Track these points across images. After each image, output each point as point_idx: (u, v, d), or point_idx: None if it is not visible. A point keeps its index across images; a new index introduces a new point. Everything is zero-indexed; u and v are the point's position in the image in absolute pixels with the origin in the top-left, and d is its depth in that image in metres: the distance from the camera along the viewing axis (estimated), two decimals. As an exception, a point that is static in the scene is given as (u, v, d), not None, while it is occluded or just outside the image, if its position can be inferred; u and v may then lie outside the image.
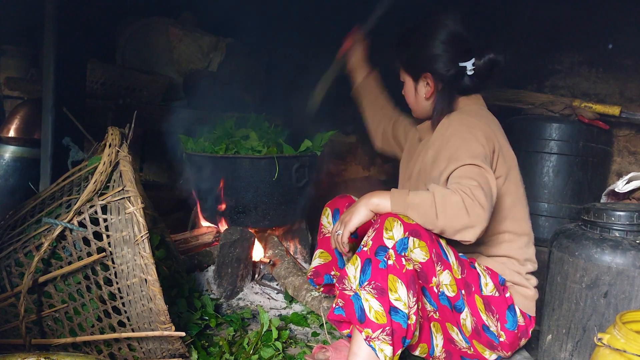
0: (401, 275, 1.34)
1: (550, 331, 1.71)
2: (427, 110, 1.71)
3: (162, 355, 1.62)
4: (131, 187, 1.50)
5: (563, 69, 2.98)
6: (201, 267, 2.44)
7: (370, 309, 1.32)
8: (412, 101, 1.74)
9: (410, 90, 1.72)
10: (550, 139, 2.39)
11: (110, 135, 1.63)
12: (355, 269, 1.39)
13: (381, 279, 1.33)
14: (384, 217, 1.38)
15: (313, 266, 1.90)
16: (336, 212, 1.88)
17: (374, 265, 1.35)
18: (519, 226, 1.66)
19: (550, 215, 2.39)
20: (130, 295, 1.51)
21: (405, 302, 1.33)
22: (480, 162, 1.43)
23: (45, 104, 2.32)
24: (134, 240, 1.47)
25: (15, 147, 3.16)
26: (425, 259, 1.40)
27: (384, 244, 1.35)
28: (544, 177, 2.40)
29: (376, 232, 1.38)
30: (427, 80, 1.65)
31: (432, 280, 1.44)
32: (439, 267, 1.44)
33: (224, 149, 2.36)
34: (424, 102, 1.69)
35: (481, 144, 1.50)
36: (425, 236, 1.39)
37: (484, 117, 1.64)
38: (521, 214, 1.67)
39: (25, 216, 1.66)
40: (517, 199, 1.65)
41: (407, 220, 1.38)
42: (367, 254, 1.38)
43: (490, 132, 1.57)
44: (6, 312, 1.51)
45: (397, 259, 1.34)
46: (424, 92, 1.67)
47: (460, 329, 1.53)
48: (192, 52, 3.57)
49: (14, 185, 3.12)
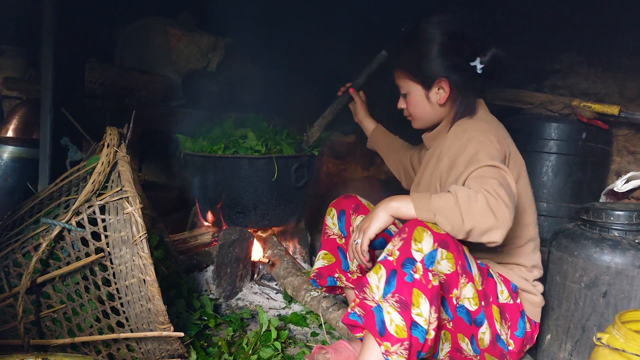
0: (426, 291, 1.30)
1: (549, 331, 1.71)
2: (437, 117, 1.67)
3: (161, 355, 1.61)
4: (129, 187, 1.50)
5: (562, 68, 2.98)
6: (200, 267, 2.44)
7: (392, 322, 1.28)
8: (421, 110, 1.67)
9: (419, 100, 1.65)
10: (549, 138, 2.39)
11: (109, 135, 1.62)
12: (379, 278, 1.33)
13: (406, 293, 1.29)
14: (413, 226, 1.33)
15: (316, 267, 1.86)
16: (342, 213, 1.83)
17: (400, 278, 1.30)
18: (528, 232, 1.64)
19: (549, 214, 2.38)
20: (128, 296, 1.50)
21: (426, 319, 1.29)
22: (499, 164, 1.41)
23: (43, 104, 2.31)
24: (133, 240, 1.46)
25: (14, 147, 3.15)
26: (451, 271, 1.37)
27: (412, 256, 1.31)
28: (543, 176, 2.40)
29: (404, 242, 1.33)
30: (440, 85, 1.60)
31: (453, 292, 1.41)
32: (463, 280, 1.41)
33: (223, 149, 2.36)
34: (437, 109, 1.64)
35: (496, 148, 1.48)
36: (452, 247, 1.36)
37: (493, 122, 1.63)
38: (530, 219, 1.65)
39: (24, 216, 1.66)
40: (527, 204, 1.64)
41: (437, 229, 1.33)
42: (393, 265, 1.32)
43: (501, 137, 1.56)
44: (4, 312, 1.50)
45: (424, 273, 1.30)
46: (437, 98, 1.62)
47: (475, 342, 1.51)
48: (191, 52, 3.57)
49: (12, 186, 3.12)
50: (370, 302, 1.33)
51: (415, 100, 1.66)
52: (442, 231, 1.34)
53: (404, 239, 1.33)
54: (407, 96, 1.68)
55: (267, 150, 2.38)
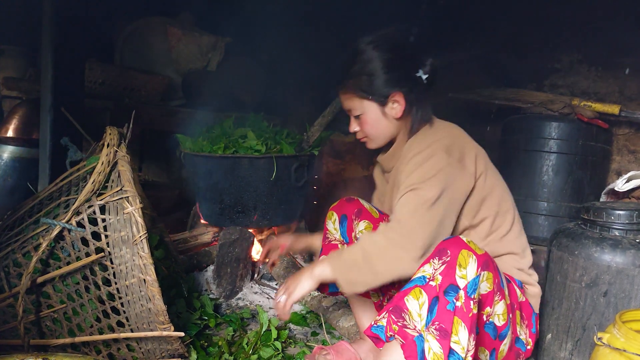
0: (466, 319, 1.28)
1: (549, 330, 1.71)
2: (396, 131, 1.65)
3: (162, 355, 1.61)
4: (129, 187, 1.50)
5: (562, 67, 2.98)
6: (200, 267, 2.44)
7: (430, 350, 1.26)
8: (378, 128, 1.64)
9: (375, 118, 1.62)
10: (550, 137, 2.38)
11: (109, 135, 1.62)
12: (421, 305, 1.30)
13: (447, 321, 1.27)
14: (457, 248, 1.32)
15: None
16: (344, 218, 1.78)
17: (442, 306, 1.28)
18: (509, 217, 1.64)
19: (549, 214, 2.38)
20: (129, 296, 1.50)
21: (464, 347, 1.27)
22: (424, 185, 1.44)
23: (43, 104, 2.31)
24: (133, 240, 1.46)
25: (14, 147, 3.15)
26: (488, 291, 1.36)
27: (456, 283, 1.28)
28: (543, 175, 2.40)
29: (447, 266, 1.31)
30: (395, 99, 1.58)
31: (485, 310, 1.40)
32: (497, 297, 1.40)
33: (223, 149, 2.35)
34: (394, 124, 1.62)
35: (440, 158, 1.48)
36: (492, 266, 1.36)
37: (446, 127, 1.64)
38: (508, 204, 1.65)
39: (24, 216, 1.66)
40: (501, 190, 1.64)
41: (479, 250, 1.33)
42: (436, 292, 1.29)
43: (453, 138, 1.57)
44: (4, 312, 1.50)
45: (466, 301, 1.28)
46: (394, 113, 1.60)
47: (495, 354, 1.51)
48: (191, 52, 3.57)
49: (12, 186, 3.11)
50: (411, 330, 1.29)
51: (372, 118, 1.62)
52: (483, 251, 1.35)
53: (447, 263, 1.31)
54: (361, 117, 1.63)
55: (267, 149, 2.37)
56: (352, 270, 1.44)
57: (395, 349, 1.31)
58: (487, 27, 3.13)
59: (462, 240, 1.35)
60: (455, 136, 1.60)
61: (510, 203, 1.66)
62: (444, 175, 1.46)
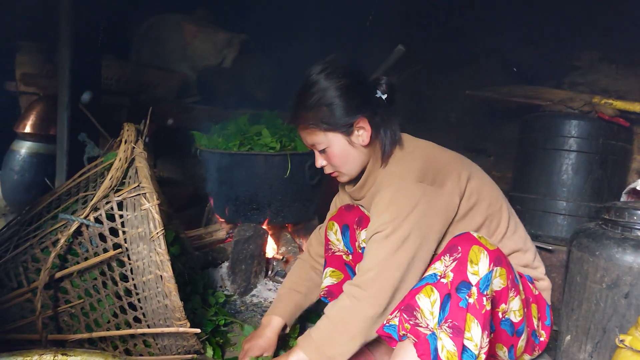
0: (479, 316, 1.26)
1: (569, 332, 1.68)
2: (366, 160, 1.59)
3: (177, 351, 1.61)
4: (147, 184, 1.50)
5: (582, 65, 2.94)
6: (215, 264, 2.44)
7: (443, 348, 1.25)
8: (347, 158, 1.56)
9: (342, 148, 1.54)
10: (569, 136, 2.35)
11: (126, 131, 1.63)
12: (432, 303, 1.29)
13: (460, 318, 1.25)
14: (467, 244, 1.30)
15: (325, 285, 1.76)
16: (345, 227, 1.74)
17: (454, 303, 1.26)
18: (504, 216, 1.60)
19: (568, 213, 2.35)
20: (145, 292, 1.50)
21: (477, 344, 1.26)
22: (392, 226, 1.40)
23: (60, 100, 2.33)
24: (150, 236, 1.47)
25: (31, 142, 3.18)
26: (501, 287, 1.35)
27: (468, 280, 1.27)
28: (562, 174, 2.36)
29: (458, 262, 1.29)
30: (360, 126, 1.53)
31: (500, 307, 1.39)
32: (512, 294, 1.39)
33: (238, 146, 2.35)
34: (362, 152, 1.56)
35: (410, 192, 1.44)
36: (504, 262, 1.34)
37: (413, 149, 1.57)
38: (499, 204, 1.60)
39: (42, 212, 1.67)
40: (489, 190, 1.59)
41: (490, 246, 1.31)
42: (448, 289, 1.28)
43: (425, 159, 1.52)
44: (23, 307, 1.51)
45: (478, 297, 1.27)
46: (362, 140, 1.54)
47: (513, 350, 1.49)
48: (206, 49, 3.57)
49: (30, 181, 3.15)
50: (424, 329, 1.28)
51: (339, 150, 1.55)
52: (495, 246, 1.32)
53: (457, 260, 1.29)
54: (327, 150, 1.56)
55: (281, 147, 2.37)
56: (328, 346, 1.39)
57: (408, 348, 1.31)
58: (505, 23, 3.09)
59: (473, 235, 1.33)
60: (427, 156, 1.54)
61: (500, 200, 1.62)
62: (415, 209, 1.42)
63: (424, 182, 1.46)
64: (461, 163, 1.58)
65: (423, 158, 1.52)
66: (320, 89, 1.52)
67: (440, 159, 1.55)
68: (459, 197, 1.49)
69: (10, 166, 3.20)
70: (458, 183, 1.50)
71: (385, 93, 1.57)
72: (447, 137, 3.56)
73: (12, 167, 3.19)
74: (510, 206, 1.66)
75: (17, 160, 3.18)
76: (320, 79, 1.52)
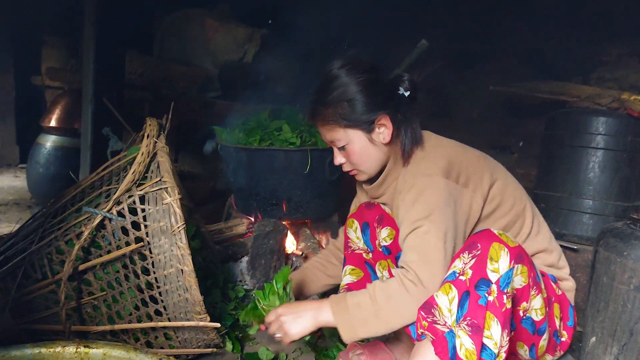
0: (499, 314, 1.24)
1: (594, 333, 1.65)
2: (386, 158, 1.56)
3: (197, 344, 1.62)
4: (168, 178, 1.51)
5: (610, 60, 2.87)
6: (235, 258, 2.45)
7: (462, 346, 1.24)
8: (367, 156, 1.54)
9: (362, 146, 1.52)
10: (597, 133, 2.29)
11: (149, 126, 1.64)
12: (450, 301, 1.27)
13: (479, 316, 1.23)
14: (487, 242, 1.27)
15: (345, 283, 1.74)
16: (365, 225, 1.71)
17: (473, 300, 1.25)
18: (529, 214, 1.56)
19: (594, 212, 2.30)
20: (167, 285, 1.52)
21: (496, 342, 1.24)
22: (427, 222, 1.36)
23: (85, 95, 2.36)
24: (171, 230, 1.47)
25: (56, 136, 3.24)
26: (522, 285, 1.32)
27: (487, 277, 1.25)
28: (589, 173, 2.31)
29: (477, 259, 1.27)
30: (381, 123, 1.50)
31: (521, 305, 1.37)
32: (534, 292, 1.36)
33: (258, 141, 2.35)
34: (383, 150, 1.53)
35: (437, 187, 1.40)
36: (526, 259, 1.32)
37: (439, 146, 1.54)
38: (523, 200, 1.56)
39: (66, 205, 1.69)
40: (513, 190, 1.55)
41: (511, 243, 1.29)
42: (467, 286, 1.26)
43: (450, 157, 1.48)
44: (47, 298, 1.54)
45: (498, 295, 1.24)
46: (382, 138, 1.51)
47: (534, 349, 1.47)
48: (228, 43, 3.59)
49: (54, 174, 3.21)
50: (441, 326, 1.27)
51: (360, 147, 1.52)
52: (516, 243, 1.29)
53: (477, 257, 1.27)
54: (346, 147, 1.53)
55: (302, 142, 2.36)
56: (361, 326, 1.36)
57: (426, 346, 1.29)
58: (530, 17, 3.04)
59: (493, 232, 1.30)
60: (452, 155, 1.50)
61: (524, 199, 1.58)
62: (445, 204, 1.39)
63: (449, 179, 1.43)
64: (485, 164, 1.54)
65: (447, 157, 1.48)
66: (341, 84, 1.48)
67: (464, 158, 1.51)
68: (482, 199, 1.46)
69: (35, 159, 3.27)
70: (481, 185, 1.47)
71: (407, 90, 1.53)
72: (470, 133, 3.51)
73: (37, 160, 3.26)
74: (534, 205, 1.62)
75: (42, 153, 3.24)
76: (342, 74, 1.49)
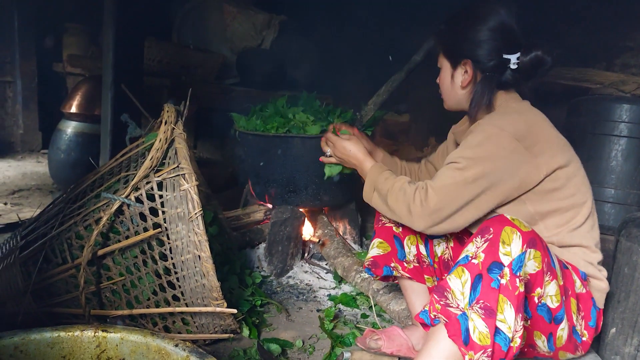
0: (512, 298, 1.23)
1: (614, 324, 1.62)
2: (461, 101, 1.60)
3: (214, 330, 1.64)
4: (186, 165, 1.52)
5: (635, 46, 2.79)
6: (252, 245, 2.46)
7: (475, 329, 1.23)
8: (447, 89, 1.62)
9: (446, 77, 1.60)
10: (620, 120, 2.23)
11: (166, 112, 1.64)
12: (463, 284, 1.27)
13: (492, 299, 1.23)
14: (499, 226, 1.27)
15: (371, 255, 1.78)
16: None
17: (486, 283, 1.24)
18: (586, 210, 1.53)
19: (617, 201, 2.25)
20: (184, 271, 1.53)
21: (510, 326, 1.23)
22: (468, 163, 1.41)
23: (105, 81, 2.38)
24: (189, 217, 1.49)
25: (77, 122, 3.28)
26: (536, 270, 1.31)
27: (500, 260, 1.24)
28: (611, 161, 2.26)
29: (490, 243, 1.26)
30: (466, 67, 1.54)
31: (536, 291, 1.36)
32: (548, 278, 1.35)
33: (276, 128, 2.35)
34: (458, 91, 1.58)
35: (501, 143, 1.42)
36: (539, 245, 1.31)
37: (524, 112, 1.52)
38: (586, 196, 1.54)
39: (86, 190, 1.72)
40: (580, 182, 1.53)
41: (524, 227, 1.28)
42: (479, 269, 1.26)
43: (530, 126, 1.47)
44: (67, 282, 1.57)
45: (511, 278, 1.24)
46: (461, 80, 1.56)
47: (552, 340, 1.45)
48: (246, 30, 3.58)
49: (75, 160, 3.25)
50: (454, 309, 1.26)
51: (444, 77, 1.61)
52: (529, 228, 1.29)
53: (489, 240, 1.27)
54: (440, 72, 1.62)
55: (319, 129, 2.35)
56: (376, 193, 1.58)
57: (440, 330, 1.29)
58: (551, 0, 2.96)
59: (506, 217, 1.29)
60: (533, 124, 1.49)
61: (587, 195, 1.55)
62: (500, 158, 1.41)
63: (520, 142, 1.43)
64: (565, 147, 1.53)
65: (529, 123, 1.48)
66: (465, 16, 1.54)
67: (545, 132, 1.50)
68: (544, 174, 1.45)
69: (57, 145, 3.32)
70: (550, 162, 1.45)
71: (519, 61, 1.51)
72: (489, 120, 3.46)
73: (58, 146, 3.31)
74: (594, 207, 1.59)
75: (63, 139, 3.29)
76: (476, 10, 1.53)
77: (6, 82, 4.92)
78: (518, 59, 1.50)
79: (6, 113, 5.02)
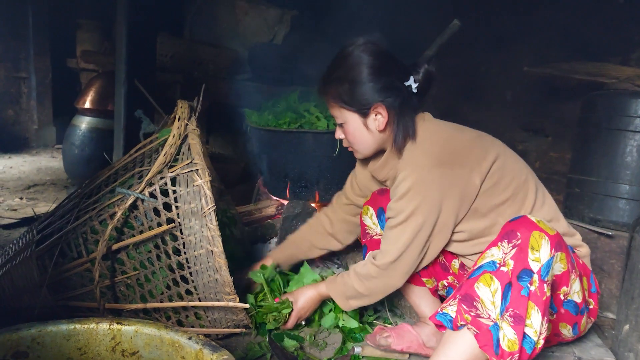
0: (540, 303, 1.24)
1: (627, 321, 1.61)
2: (382, 143, 1.58)
3: (227, 324, 1.66)
4: (199, 160, 1.53)
5: (652, 40, 2.75)
6: (264, 239, 2.47)
7: (504, 337, 1.23)
8: (362, 139, 1.57)
9: (357, 128, 1.55)
10: (636, 116, 2.20)
11: (180, 108, 1.65)
12: (493, 293, 1.26)
13: (521, 307, 1.23)
14: (527, 230, 1.26)
15: None
16: (380, 210, 1.75)
17: (515, 291, 1.24)
18: (532, 186, 1.53)
19: (631, 198, 2.22)
20: (197, 266, 1.55)
21: (536, 330, 1.24)
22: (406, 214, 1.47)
23: (118, 77, 2.40)
24: (202, 212, 1.50)
25: (91, 118, 3.31)
26: (562, 271, 1.32)
27: (529, 267, 1.24)
28: (626, 157, 2.23)
29: (519, 250, 1.26)
30: (377, 111, 1.51)
31: (561, 290, 1.37)
32: (573, 276, 1.36)
33: (287, 123, 2.36)
34: (377, 137, 1.55)
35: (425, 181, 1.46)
36: (564, 246, 1.31)
37: (435, 133, 1.54)
38: (523, 173, 1.54)
39: (100, 185, 1.74)
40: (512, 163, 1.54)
41: (549, 230, 1.28)
42: (509, 277, 1.25)
43: (443, 144, 1.50)
44: (82, 276, 1.59)
45: (540, 285, 1.24)
46: (376, 125, 1.53)
47: (577, 327, 1.47)
48: (257, 25, 3.58)
49: (89, 155, 3.28)
50: (485, 320, 1.25)
51: (354, 129, 1.56)
52: (554, 231, 1.29)
53: (518, 246, 1.26)
54: (343, 126, 1.57)
55: (330, 125, 2.35)
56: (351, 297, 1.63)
57: (463, 338, 1.27)
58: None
59: (532, 220, 1.28)
60: (445, 140, 1.51)
61: (524, 172, 1.55)
62: (434, 194, 1.45)
63: (442, 167, 1.45)
64: (482, 142, 1.54)
65: (440, 142, 1.51)
66: (349, 64, 1.51)
67: (459, 140, 1.52)
68: (480, 178, 1.47)
69: (71, 140, 3.35)
70: (479, 164, 1.47)
71: (417, 82, 1.53)
72: (502, 116, 3.43)
73: (72, 141, 3.34)
74: (537, 177, 1.59)
75: (77, 135, 3.32)
76: (353, 54, 1.51)
77: (21, 78, 4.98)
78: (416, 82, 1.52)
79: (21, 109, 5.08)
